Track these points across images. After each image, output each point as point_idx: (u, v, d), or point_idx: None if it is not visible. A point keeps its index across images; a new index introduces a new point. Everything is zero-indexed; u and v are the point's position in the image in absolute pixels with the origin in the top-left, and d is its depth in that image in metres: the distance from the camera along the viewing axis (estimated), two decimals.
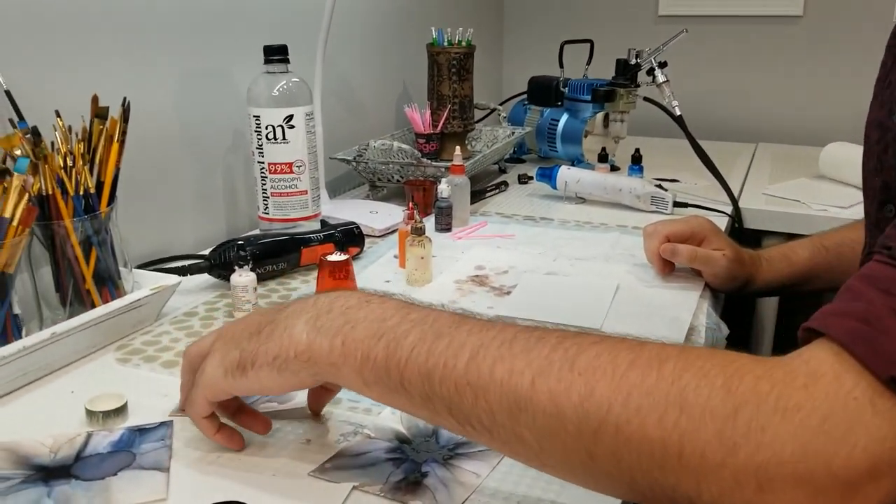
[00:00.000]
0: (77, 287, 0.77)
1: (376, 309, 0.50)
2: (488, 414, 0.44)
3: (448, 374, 0.45)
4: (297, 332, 0.50)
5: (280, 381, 0.51)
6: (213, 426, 0.56)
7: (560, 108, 1.51)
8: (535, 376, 0.42)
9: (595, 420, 0.40)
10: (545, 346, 0.44)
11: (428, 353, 0.46)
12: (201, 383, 0.53)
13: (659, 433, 0.39)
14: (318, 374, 0.50)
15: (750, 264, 0.90)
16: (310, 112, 1.02)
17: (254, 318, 0.54)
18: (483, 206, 1.27)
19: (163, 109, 1.01)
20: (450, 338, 0.46)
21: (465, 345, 0.45)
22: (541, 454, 0.43)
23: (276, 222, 1.03)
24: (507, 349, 0.44)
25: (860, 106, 1.73)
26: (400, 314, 0.49)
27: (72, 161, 0.75)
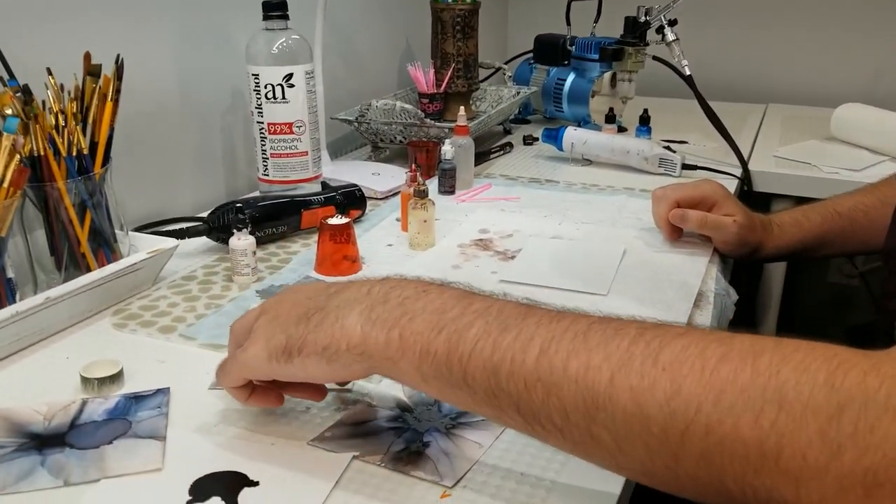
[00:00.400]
0: (72, 251, 0.75)
1: (435, 299, 0.47)
2: (561, 413, 0.41)
3: (516, 370, 0.42)
4: (351, 324, 0.47)
5: (328, 372, 0.49)
6: (246, 392, 0.54)
7: (567, 67, 1.47)
8: (614, 372, 0.39)
9: (682, 420, 0.37)
10: (624, 338, 0.40)
11: (494, 346, 0.43)
12: (242, 362, 0.51)
13: (755, 434, 0.35)
14: (373, 367, 0.48)
15: (761, 230, 0.88)
16: (310, 70, 0.99)
17: (300, 299, 0.51)
18: (487, 167, 1.24)
19: (159, 67, 0.98)
20: (517, 330, 0.43)
21: (534, 338, 0.42)
22: (619, 456, 0.40)
23: (276, 184, 1.01)
24: (581, 342, 0.41)
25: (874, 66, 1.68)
26: (461, 305, 0.46)
27: (64, 121, 0.73)
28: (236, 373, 0.52)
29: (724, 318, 0.79)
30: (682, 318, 0.72)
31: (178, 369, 0.64)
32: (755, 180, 1.26)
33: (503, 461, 0.52)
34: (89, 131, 0.75)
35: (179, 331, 0.70)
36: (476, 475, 0.51)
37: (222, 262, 0.85)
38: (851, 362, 0.36)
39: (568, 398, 0.40)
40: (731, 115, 1.43)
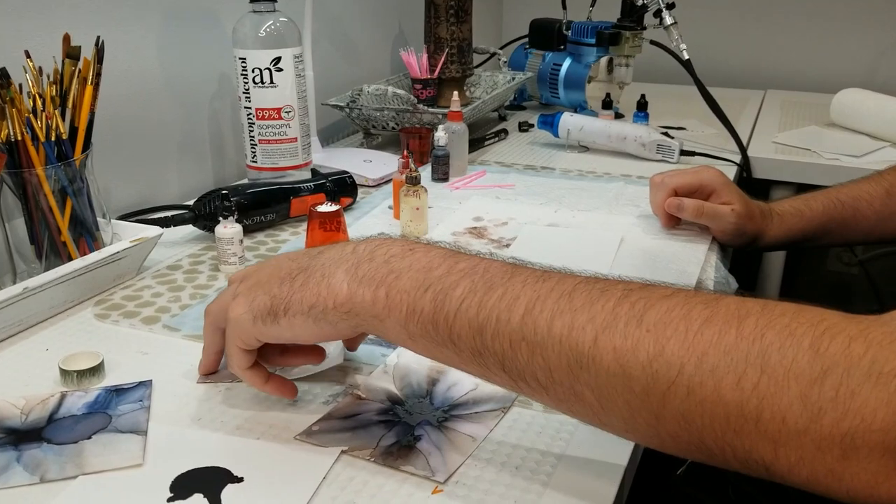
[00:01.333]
0: (52, 239, 0.73)
1: (421, 258, 0.46)
2: (545, 371, 0.41)
3: (501, 329, 0.42)
4: (337, 282, 0.47)
5: (315, 331, 0.48)
6: (261, 376, 0.53)
7: (563, 52, 1.45)
8: (598, 332, 0.39)
9: (664, 381, 0.37)
10: (609, 298, 0.40)
11: (479, 305, 0.43)
12: (230, 333, 0.51)
13: (736, 396, 0.36)
14: (359, 325, 0.47)
15: (760, 219, 0.85)
16: (299, 54, 0.96)
17: (282, 262, 0.51)
18: (482, 154, 1.22)
19: (142, 50, 0.95)
20: (503, 289, 0.43)
21: (519, 297, 0.42)
22: (601, 413, 0.41)
23: (265, 171, 0.98)
24: (566, 302, 0.41)
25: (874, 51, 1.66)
26: (447, 263, 0.46)
27: (42, 105, 0.70)
28: (232, 347, 0.51)
29: None
30: None
31: (161, 361, 0.62)
32: (754, 167, 1.24)
33: (497, 455, 0.51)
34: (69, 116, 0.73)
35: (163, 322, 0.68)
36: (469, 470, 0.49)
37: (209, 251, 0.83)
38: (838, 328, 0.36)
39: (552, 358, 0.41)
40: (730, 100, 1.41)
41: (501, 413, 0.55)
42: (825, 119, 1.42)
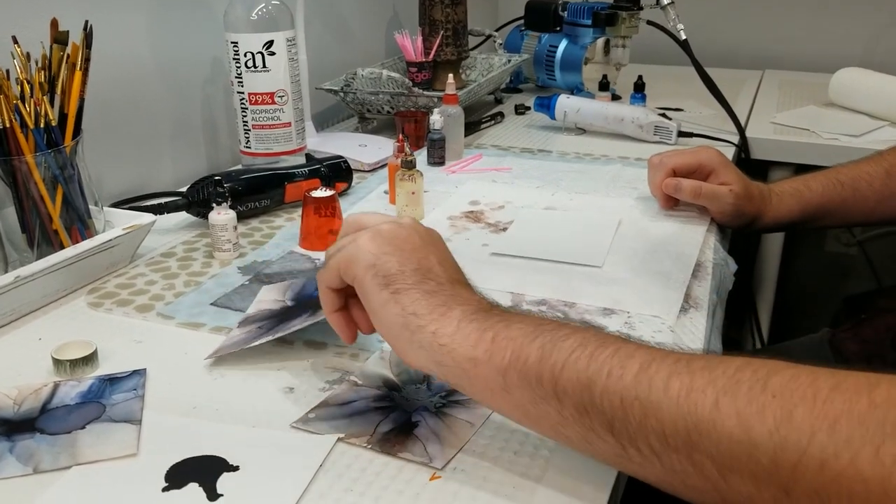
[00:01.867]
0: (44, 227, 0.72)
1: (535, 317, 0.46)
2: (659, 436, 0.38)
3: (612, 386, 0.40)
4: (452, 316, 0.46)
5: (394, 331, 0.47)
6: (336, 303, 0.52)
7: (559, 33, 1.43)
8: (719, 395, 0.37)
9: (794, 451, 0.34)
10: (729, 364, 0.38)
11: (590, 358, 0.41)
12: (346, 253, 0.49)
13: (876, 471, 0.32)
14: (443, 363, 0.45)
15: (759, 199, 0.85)
16: (291, 38, 0.95)
17: (430, 247, 0.50)
18: (478, 138, 1.21)
19: (132, 35, 0.94)
20: (615, 347, 0.41)
21: (633, 356, 0.40)
22: (722, 487, 0.37)
23: (259, 157, 0.97)
24: (684, 364, 0.39)
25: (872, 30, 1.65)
26: (557, 323, 0.45)
27: (30, 91, 0.69)
28: (335, 265, 0.50)
29: (723, 288, 0.77)
30: (681, 290, 0.70)
31: (155, 350, 0.61)
32: (753, 147, 1.23)
33: (495, 440, 0.50)
34: (58, 102, 0.72)
35: (157, 310, 0.67)
36: (467, 456, 0.49)
37: (203, 237, 0.82)
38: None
39: (667, 420, 0.38)
40: (728, 81, 1.40)
41: None
42: (824, 99, 1.41)
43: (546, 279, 0.72)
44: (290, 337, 0.61)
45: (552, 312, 0.66)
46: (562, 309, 0.66)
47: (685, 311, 0.67)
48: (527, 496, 0.45)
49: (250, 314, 0.64)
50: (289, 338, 0.61)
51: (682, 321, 0.65)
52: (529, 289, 0.70)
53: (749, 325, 1.42)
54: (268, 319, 0.62)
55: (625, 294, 0.69)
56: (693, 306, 0.68)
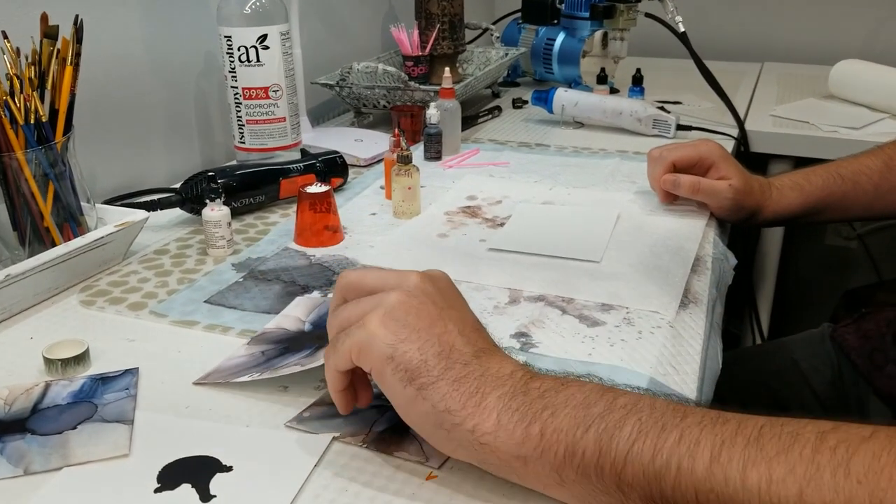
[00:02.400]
0: (35, 225, 0.71)
1: (576, 392, 0.42)
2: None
3: (684, 479, 0.37)
4: (488, 406, 0.42)
5: (427, 429, 0.43)
6: (343, 382, 0.47)
7: (556, 26, 1.42)
8: (802, 486, 0.35)
9: None
10: (804, 444, 0.36)
11: (654, 450, 0.38)
12: (357, 340, 0.44)
13: None
14: (486, 461, 0.42)
15: (759, 193, 0.84)
16: (286, 31, 0.94)
17: (447, 313, 0.45)
18: (475, 132, 1.20)
19: (124, 29, 0.93)
20: (678, 432, 0.38)
21: (700, 441, 0.38)
22: None
23: (254, 152, 0.96)
24: (756, 450, 0.37)
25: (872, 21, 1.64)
26: (605, 399, 0.41)
27: (20, 86, 0.68)
28: (347, 351, 0.45)
29: (722, 283, 0.76)
30: (680, 285, 0.69)
31: (147, 348, 0.60)
32: (752, 140, 1.22)
33: None
34: (48, 98, 0.71)
35: (150, 307, 0.66)
36: None
37: (197, 234, 0.81)
38: None
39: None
40: (726, 74, 1.39)
41: None
42: (823, 91, 1.40)
43: (544, 274, 0.71)
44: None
45: (550, 308, 0.65)
46: (560, 305, 0.66)
47: (684, 306, 0.66)
48: (524, 495, 0.45)
49: (267, 330, 0.61)
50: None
51: (682, 316, 0.64)
52: (527, 284, 0.69)
53: (749, 320, 1.42)
54: (276, 344, 0.59)
55: (623, 289, 0.68)
56: (692, 301, 0.67)
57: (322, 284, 0.70)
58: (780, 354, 0.94)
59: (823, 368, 0.90)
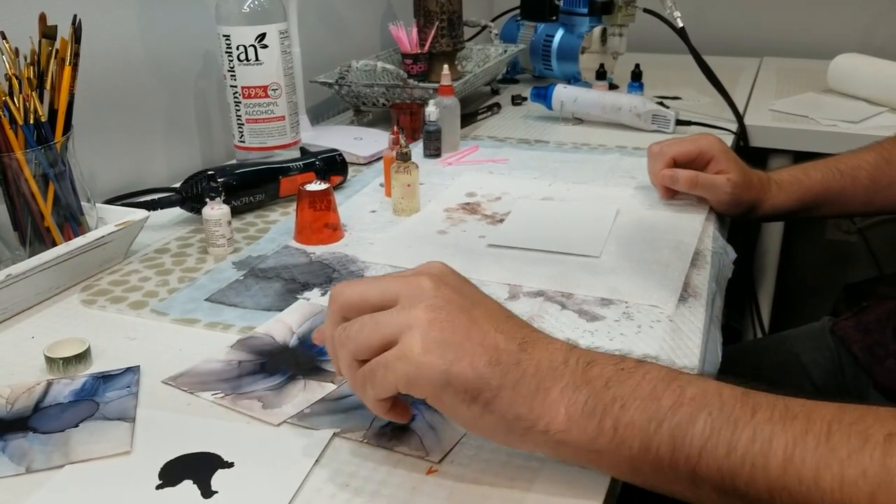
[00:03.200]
0: (36, 225, 0.71)
1: (642, 382, 0.41)
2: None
3: (758, 476, 0.38)
4: (554, 401, 0.41)
5: (502, 438, 0.43)
6: (388, 404, 0.45)
7: (555, 22, 1.42)
8: (874, 490, 0.36)
9: None
10: (875, 446, 0.36)
11: (728, 448, 0.39)
12: (403, 371, 0.41)
13: None
14: (562, 454, 0.42)
15: (758, 188, 0.84)
16: (284, 30, 0.94)
17: (475, 313, 0.43)
18: (474, 129, 1.20)
19: (122, 29, 0.93)
20: (751, 430, 0.39)
21: (772, 441, 0.38)
22: None
23: (253, 151, 0.96)
24: (826, 450, 0.37)
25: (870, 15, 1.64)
26: (672, 391, 0.41)
27: (19, 86, 0.68)
28: (391, 385, 0.42)
29: (722, 277, 0.76)
30: (679, 279, 0.69)
31: (149, 346, 0.60)
32: (751, 135, 1.22)
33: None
34: (47, 98, 0.71)
35: (151, 306, 0.66)
36: (464, 449, 0.48)
37: (197, 233, 0.81)
38: None
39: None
40: (725, 69, 1.39)
41: None
42: (822, 85, 1.40)
43: (543, 270, 0.71)
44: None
45: (550, 303, 0.65)
46: (559, 300, 0.66)
47: (684, 301, 0.66)
48: (525, 488, 0.45)
49: (255, 335, 0.61)
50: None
51: (681, 310, 0.64)
52: (527, 280, 0.69)
53: (750, 315, 1.42)
54: (256, 355, 0.58)
55: (623, 284, 0.68)
56: (692, 295, 0.67)
57: (322, 282, 0.70)
58: (780, 348, 0.94)
59: (824, 362, 0.90)
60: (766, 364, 0.94)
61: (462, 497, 0.44)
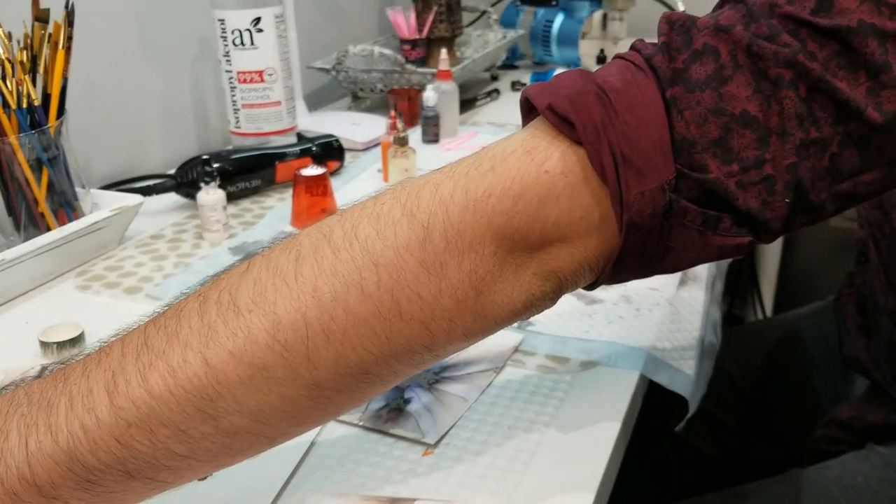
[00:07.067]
0: (30, 210, 0.70)
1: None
2: (179, 439, 0.33)
3: (94, 436, 0.32)
4: None
5: None
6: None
7: (555, 7, 1.41)
8: (203, 353, 0.33)
9: (299, 344, 0.33)
10: (190, 316, 0.34)
11: (51, 434, 0.32)
12: None
13: (369, 305, 0.33)
14: None
15: None
16: (280, 14, 0.93)
17: None
18: (473, 115, 1.19)
19: (117, 13, 0.92)
20: (67, 396, 0.33)
21: (92, 390, 0.33)
22: (263, 430, 0.34)
23: (249, 137, 0.95)
24: (147, 355, 0.33)
25: None
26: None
27: (12, 70, 0.67)
28: None
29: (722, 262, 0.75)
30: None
31: None
32: None
33: (489, 416, 0.49)
34: (40, 82, 0.70)
35: (146, 291, 0.66)
36: (460, 431, 0.48)
37: (193, 219, 0.81)
38: (418, 185, 0.36)
39: (175, 417, 0.32)
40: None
41: (494, 374, 0.53)
42: None
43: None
44: None
45: None
46: None
47: (683, 284, 0.66)
48: (520, 471, 0.44)
49: None
50: None
51: (680, 293, 0.64)
52: None
53: (752, 303, 1.41)
54: None
55: None
56: (691, 278, 0.67)
57: None
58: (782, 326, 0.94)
59: (824, 337, 0.89)
60: (766, 341, 0.94)
61: (458, 480, 0.44)
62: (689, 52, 0.34)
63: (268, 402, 0.33)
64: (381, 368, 0.35)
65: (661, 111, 0.33)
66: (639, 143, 0.33)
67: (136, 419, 0.32)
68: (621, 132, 0.33)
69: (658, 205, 0.34)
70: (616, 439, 0.47)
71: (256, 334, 0.33)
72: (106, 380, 0.33)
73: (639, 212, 0.33)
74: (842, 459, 0.62)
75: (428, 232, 0.34)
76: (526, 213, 0.34)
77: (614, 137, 0.33)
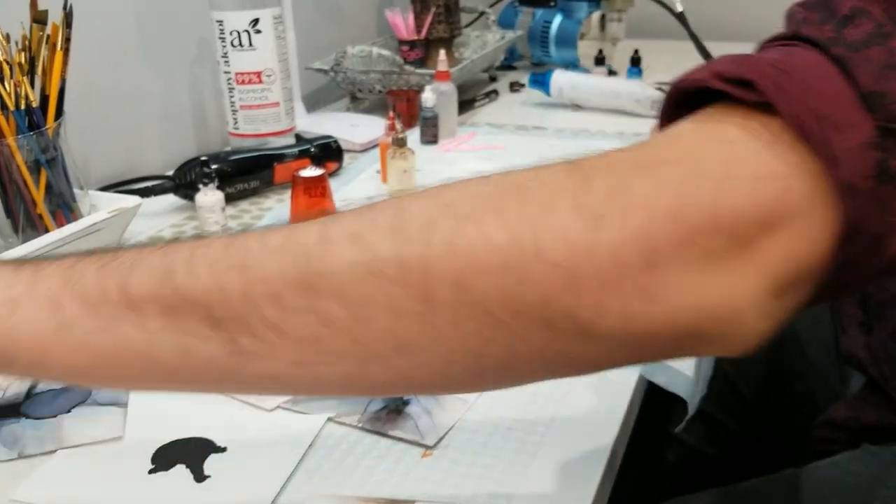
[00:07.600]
0: (28, 212, 0.70)
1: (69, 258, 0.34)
2: (272, 299, 0.30)
3: (198, 262, 0.31)
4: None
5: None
6: None
7: (553, 8, 1.41)
8: (324, 225, 0.31)
9: (418, 244, 0.29)
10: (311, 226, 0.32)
11: (163, 252, 0.33)
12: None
13: (505, 233, 0.29)
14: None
15: None
16: (278, 15, 0.93)
17: None
18: (472, 116, 1.19)
19: (116, 14, 0.92)
20: (189, 244, 0.33)
21: (211, 243, 0.33)
22: (358, 332, 0.30)
23: (248, 138, 0.96)
24: (273, 232, 0.32)
25: None
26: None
27: (10, 72, 0.67)
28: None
29: None
30: None
31: None
32: None
33: (488, 417, 0.49)
34: (39, 84, 0.70)
35: None
36: (459, 433, 0.48)
37: (191, 220, 0.81)
38: (592, 165, 0.32)
39: (275, 272, 0.30)
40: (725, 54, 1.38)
41: None
42: None
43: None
44: None
45: None
46: None
47: None
48: (520, 472, 0.44)
49: None
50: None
51: None
52: None
53: None
54: None
55: None
56: None
57: None
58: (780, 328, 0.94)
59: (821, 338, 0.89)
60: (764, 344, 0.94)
61: (457, 481, 0.44)
62: (835, 21, 0.32)
63: (364, 298, 0.30)
64: (506, 315, 0.29)
65: (833, 69, 0.30)
66: (826, 97, 0.30)
67: (238, 261, 0.31)
68: (803, 89, 0.30)
69: (869, 163, 0.29)
70: (615, 440, 0.47)
71: (381, 222, 0.31)
72: (224, 241, 0.32)
73: (851, 170, 0.29)
74: (835, 459, 0.62)
75: (586, 180, 0.31)
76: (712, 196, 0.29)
77: (798, 93, 0.30)
